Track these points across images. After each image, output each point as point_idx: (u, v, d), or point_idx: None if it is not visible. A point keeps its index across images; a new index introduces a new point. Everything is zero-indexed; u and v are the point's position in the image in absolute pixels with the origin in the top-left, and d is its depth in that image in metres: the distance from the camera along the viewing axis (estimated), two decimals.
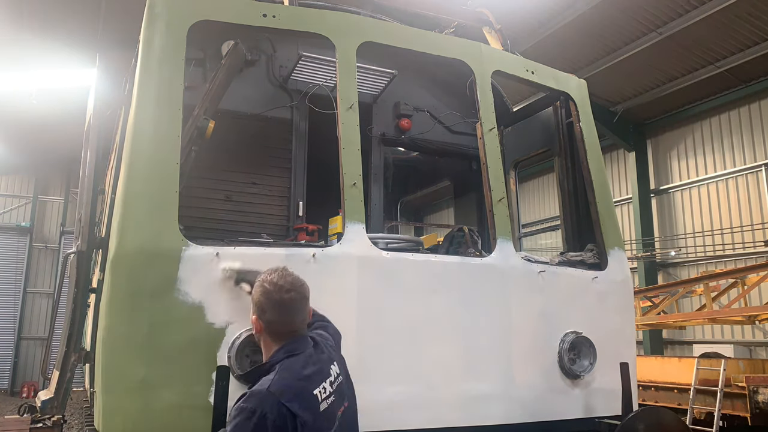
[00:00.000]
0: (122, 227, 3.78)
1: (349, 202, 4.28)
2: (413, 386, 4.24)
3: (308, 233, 4.85)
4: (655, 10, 14.23)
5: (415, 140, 6.31)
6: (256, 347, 3.82)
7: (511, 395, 4.56)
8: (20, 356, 25.27)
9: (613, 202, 5.62)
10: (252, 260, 3.90)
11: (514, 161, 6.76)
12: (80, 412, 11.54)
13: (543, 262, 5.08)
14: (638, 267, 18.19)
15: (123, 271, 3.73)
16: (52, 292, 25.74)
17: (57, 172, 26.57)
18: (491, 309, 4.62)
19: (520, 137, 6.63)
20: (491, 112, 5.12)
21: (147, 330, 3.64)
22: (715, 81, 16.45)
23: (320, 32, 4.60)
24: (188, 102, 4.25)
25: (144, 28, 4.24)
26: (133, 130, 4.02)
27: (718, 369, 10.07)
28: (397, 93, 6.17)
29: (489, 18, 6.27)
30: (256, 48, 5.52)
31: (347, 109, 4.47)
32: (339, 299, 4.08)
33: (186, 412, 3.62)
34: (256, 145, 5.46)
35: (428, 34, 5.21)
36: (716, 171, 17.33)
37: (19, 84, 17.12)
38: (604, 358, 4.93)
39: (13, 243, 26.02)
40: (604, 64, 16.40)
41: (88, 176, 4.89)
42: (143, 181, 3.87)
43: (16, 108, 18.50)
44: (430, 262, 4.52)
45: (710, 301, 12.61)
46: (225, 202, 5.28)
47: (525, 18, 15.33)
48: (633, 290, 5.72)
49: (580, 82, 5.86)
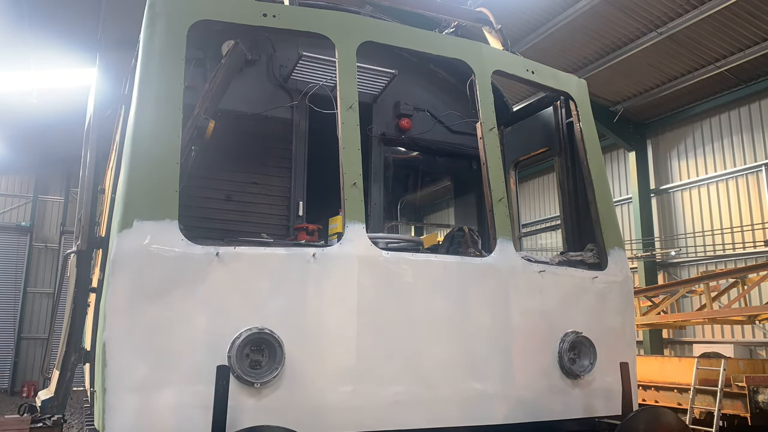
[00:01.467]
0: (122, 227, 3.78)
1: (349, 202, 4.28)
2: (413, 386, 4.24)
3: (308, 233, 4.85)
4: (655, 10, 14.23)
5: (415, 140, 6.31)
6: (256, 347, 3.83)
7: (511, 395, 4.56)
8: (20, 356, 25.29)
9: (613, 202, 5.62)
10: (252, 260, 3.90)
11: (513, 161, 6.76)
12: (80, 412, 11.55)
13: (543, 262, 5.07)
14: (638, 267, 18.20)
15: (123, 271, 3.73)
16: (52, 292, 25.76)
17: (57, 171, 26.58)
18: (491, 309, 4.62)
19: (520, 137, 6.63)
20: (491, 112, 5.12)
21: (147, 330, 3.64)
22: (715, 81, 16.45)
23: (320, 32, 4.60)
24: (188, 102, 4.25)
25: (144, 27, 4.24)
26: (133, 129, 4.02)
27: (718, 369, 10.07)
28: (397, 93, 6.17)
29: (489, 18, 6.28)
30: (256, 48, 5.52)
31: (347, 109, 4.47)
32: (339, 299, 4.09)
33: (186, 412, 3.62)
34: (256, 145, 5.46)
35: (428, 33, 5.21)
36: (716, 171, 17.33)
37: (19, 83, 17.14)
38: (604, 358, 4.93)
39: (13, 242, 26.04)
40: (604, 63, 16.41)
41: (88, 176, 4.89)
42: (143, 181, 3.87)
43: (17, 107, 18.51)
44: (431, 262, 4.52)
45: (710, 301, 12.61)
46: (225, 201, 5.28)
47: (525, 18, 15.35)
48: (633, 290, 5.72)
49: (580, 82, 5.86)
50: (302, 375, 3.91)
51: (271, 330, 3.83)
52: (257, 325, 3.81)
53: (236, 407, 3.65)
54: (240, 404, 3.70)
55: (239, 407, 3.69)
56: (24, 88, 17.18)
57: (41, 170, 26.35)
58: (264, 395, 3.80)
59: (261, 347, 3.84)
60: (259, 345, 3.83)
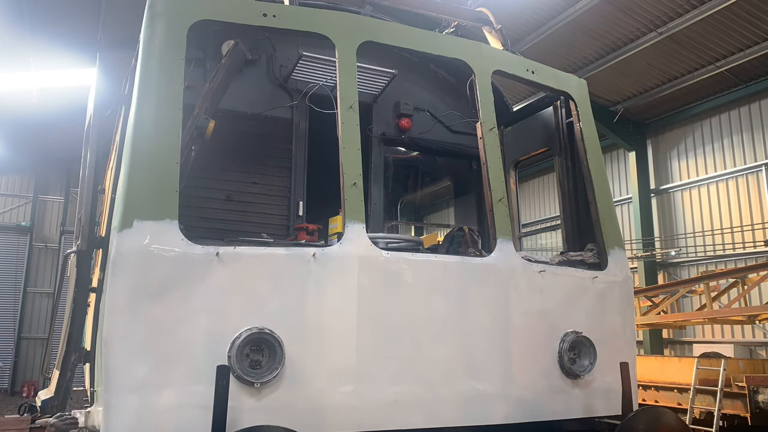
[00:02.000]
0: (122, 226, 3.78)
1: (349, 202, 4.28)
2: (413, 386, 4.23)
3: (308, 233, 4.85)
4: (655, 9, 14.24)
5: (415, 140, 6.31)
6: (256, 347, 3.83)
7: (511, 395, 4.56)
8: (20, 356, 25.31)
9: (613, 202, 5.62)
10: (252, 260, 3.90)
11: (514, 161, 6.76)
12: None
13: (543, 261, 5.07)
14: (638, 267, 18.20)
15: (123, 271, 3.73)
16: (52, 292, 25.77)
17: (57, 171, 26.61)
18: (491, 309, 4.62)
19: (520, 137, 6.63)
20: (491, 112, 5.12)
21: (147, 329, 3.64)
22: (715, 81, 16.46)
23: (320, 32, 4.60)
24: (188, 101, 4.25)
25: (144, 27, 4.24)
26: (133, 129, 4.02)
27: (718, 369, 10.07)
28: (397, 93, 6.17)
29: (489, 17, 6.28)
30: (256, 48, 5.52)
31: (347, 109, 4.46)
32: (339, 299, 4.09)
33: (186, 412, 3.62)
34: (256, 145, 5.46)
35: (429, 33, 5.21)
36: (716, 171, 17.33)
37: (19, 83, 17.14)
38: (604, 358, 4.93)
39: (13, 242, 26.07)
40: (604, 63, 16.42)
41: (88, 176, 4.89)
42: (143, 181, 3.87)
43: (17, 107, 18.51)
44: (431, 262, 4.52)
45: (710, 301, 12.61)
46: (225, 201, 5.28)
47: (525, 17, 15.35)
48: (633, 290, 5.72)
49: (580, 82, 5.86)
50: (302, 375, 3.91)
51: (271, 330, 3.83)
52: (257, 325, 3.81)
53: (236, 407, 3.65)
54: (240, 404, 3.70)
55: (239, 407, 3.69)
56: (24, 87, 17.18)
57: (41, 170, 26.37)
58: (264, 395, 3.80)
59: (261, 347, 3.83)
60: (259, 345, 3.83)
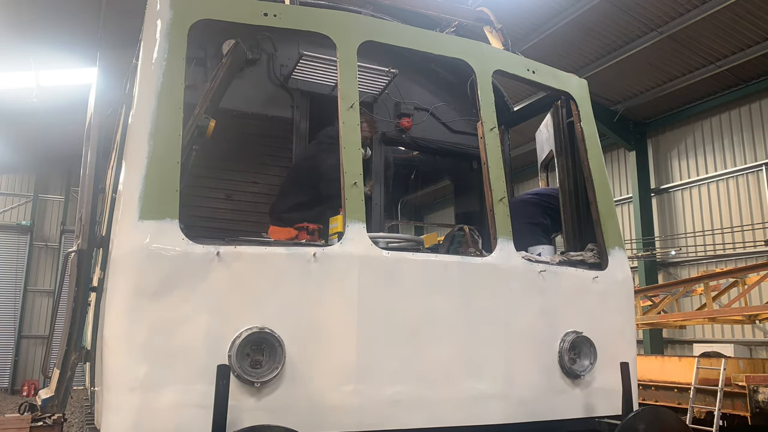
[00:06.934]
0: (123, 226, 3.78)
1: (350, 202, 4.28)
2: (413, 386, 4.23)
3: (309, 232, 4.85)
4: (655, 9, 14.24)
5: (415, 139, 6.31)
6: (256, 346, 3.83)
7: (511, 395, 4.56)
8: (20, 355, 25.32)
9: (613, 202, 5.61)
10: (253, 259, 3.90)
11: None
12: (81, 411, 11.55)
13: (543, 261, 5.07)
14: (638, 266, 18.20)
15: (124, 270, 3.73)
16: (53, 291, 25.79)
17: (57, 170, 26.61)
18: (491, 308, 4.62)
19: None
20: (492, 112, 5.11)
21: (148, 329, 3.64)
22: (715, 80, 16.46)
23: (321, 31, 4.60)
24: (189, 101, 4.24)
25: (145, 27, 4.24)
26: (134, 128, 4.02)
27: (718, 368, 10.08)
28: (398, 92, 6.17)
29: (490, 17, 6.27)
30: (256, 47, 5.52)
31: (348, 109, 4.46)
32: (339, 298, 4.09)
33: (186, 411, 3.62)
34: (257, 144, 5.47)
35: (429, 33, 5.20)
36: (716, 170, 17.34)
37: (19, 83, 17.14)
38: (605, 358, 4.93)
39: (13, 241, 26.07)
40: (604, 63, 16.42)
41: (88, 175, 4.89)
42: (144, 180, 3.87)
43: (17, 107, 18.51)
44: (431, 262, 4.52)
45: (710, 301, 12.62)
46: (226, 200, 5.28)
47: (526, 17, 15.35)
48: (633, 290, 5.72)
49: (580, 82, 5.85)
50: (303, 374, 3.91)
51: (272, 329, 3.83)
52: (258, 325, 3.81)
53: (236, 407, 3.65)
54: (240, 404, 3.71)
55: (239, 407, 3.69)
56: (24, 87, 17.18)
57: (41, 169, 26.38)
58: (264, 395, 3.80)
59: (261, 347, 3.83)
60: (259, 344, 3.83)
